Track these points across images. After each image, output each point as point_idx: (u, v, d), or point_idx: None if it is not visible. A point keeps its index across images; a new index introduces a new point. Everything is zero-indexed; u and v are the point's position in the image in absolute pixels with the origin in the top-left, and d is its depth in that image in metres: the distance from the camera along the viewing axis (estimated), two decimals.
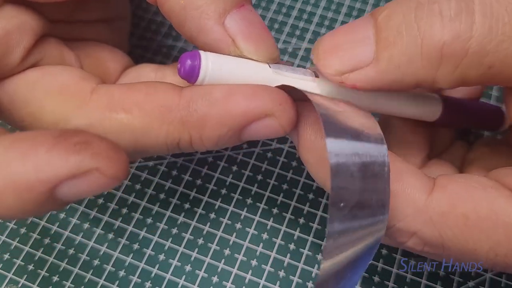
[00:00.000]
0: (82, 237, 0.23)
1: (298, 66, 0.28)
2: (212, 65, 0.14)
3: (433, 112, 0.19)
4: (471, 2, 0.13)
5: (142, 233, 0.23)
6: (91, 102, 0.15)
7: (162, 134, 0.15)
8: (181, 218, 0.24)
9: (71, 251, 0.23)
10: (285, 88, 0.15)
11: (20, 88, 0.16)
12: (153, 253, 0.23)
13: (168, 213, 0.24)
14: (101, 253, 0.23)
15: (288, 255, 0.23)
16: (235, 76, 0.15)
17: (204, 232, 0.23)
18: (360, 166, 0.13)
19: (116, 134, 0.15)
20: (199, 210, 0.24)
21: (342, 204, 0.12)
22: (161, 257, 0.23)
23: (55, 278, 0.22)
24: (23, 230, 0.23)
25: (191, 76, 0.14)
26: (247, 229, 0.23)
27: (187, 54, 0.14)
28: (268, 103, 0.14)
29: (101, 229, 0.23)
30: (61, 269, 0.22)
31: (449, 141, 0.21)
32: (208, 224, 0.24)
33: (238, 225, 0.24)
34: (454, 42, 0.13)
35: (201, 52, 0.14)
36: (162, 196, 0.24)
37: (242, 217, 0.24)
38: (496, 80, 0.14)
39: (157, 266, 0.23)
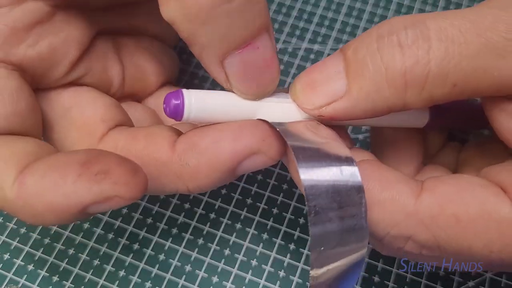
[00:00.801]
0: (82, 237, 0.23)
1: (299, 65, 0.28)
2: (195, 102, 0.15)
3: (421, 118, 0.19)
4: (426, 29, 0.14)
5: (142, 233, 0.23)
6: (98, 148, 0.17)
7: (159, 184, 0.16)
8: (181, 218, 0.24)
9: (71, 251, 0.23)
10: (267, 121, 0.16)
11: (55, 111, 0.18)
12: (153, 253, 0.23)
13: (168, 213, 0.24)
14: (101, 253, 0.23)
15: (288, 255, 0.23)
16: (219, 109, 0.16)
17: (204, 232, 0.23)
18: (336, 198, 0.14)
19: None
20: (199, 210, 0.24)
21: (322, 248, 0.13)
22: (161, 257, 0.23)
23: (55, 278, 0.22)
24: (23, 230, 0.23)
25: (176, 114, 0.15)
26: (247, 229, 0.23)
27: (171, 94, 0.15)
28: (252, 142, 0.15)
29: (101, 229, 0.23)
30: (61, 269, 0.22)
31: (442, 142, 0.21)
32: (208, 224, 0.24)
33: (238, 225, 0.24)
34: (415, 68, 0.14)
35: (184, 91, 0.15)
36: (162, 196, 0.24)
37: (242, 217, 0.24)
38: (464, 95, 0.15)
39: (157, 266, 0.23)
